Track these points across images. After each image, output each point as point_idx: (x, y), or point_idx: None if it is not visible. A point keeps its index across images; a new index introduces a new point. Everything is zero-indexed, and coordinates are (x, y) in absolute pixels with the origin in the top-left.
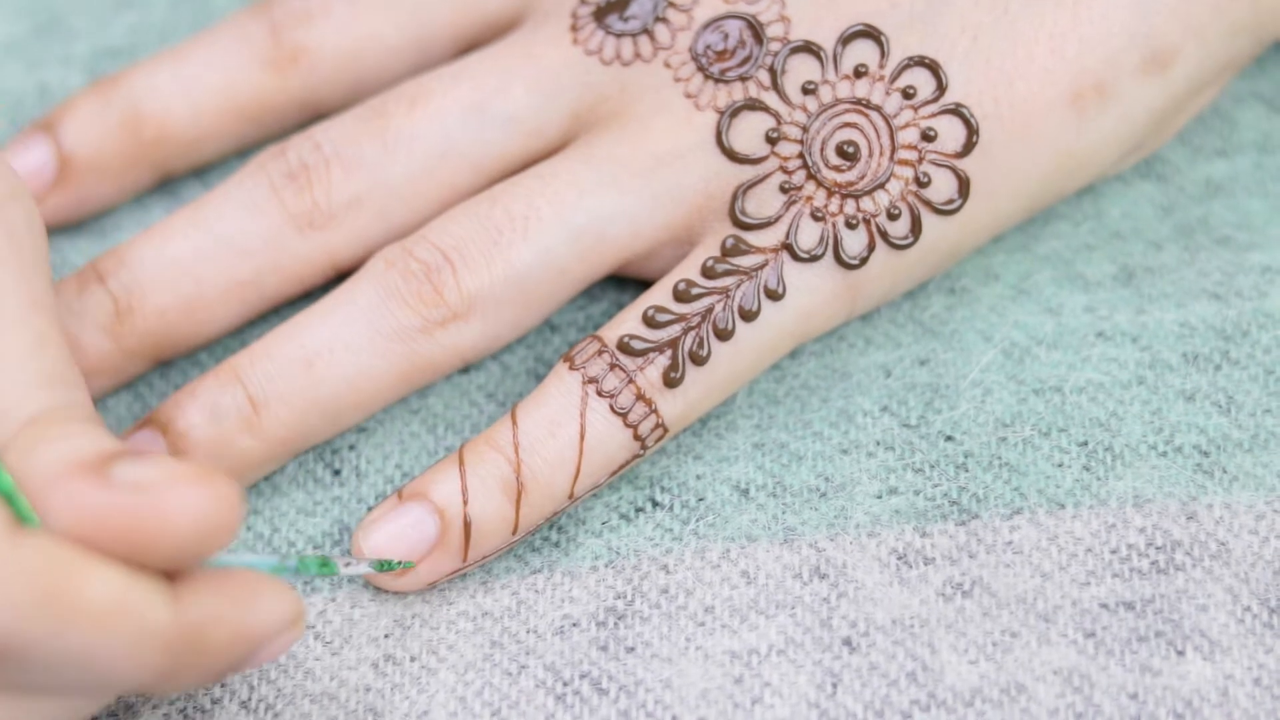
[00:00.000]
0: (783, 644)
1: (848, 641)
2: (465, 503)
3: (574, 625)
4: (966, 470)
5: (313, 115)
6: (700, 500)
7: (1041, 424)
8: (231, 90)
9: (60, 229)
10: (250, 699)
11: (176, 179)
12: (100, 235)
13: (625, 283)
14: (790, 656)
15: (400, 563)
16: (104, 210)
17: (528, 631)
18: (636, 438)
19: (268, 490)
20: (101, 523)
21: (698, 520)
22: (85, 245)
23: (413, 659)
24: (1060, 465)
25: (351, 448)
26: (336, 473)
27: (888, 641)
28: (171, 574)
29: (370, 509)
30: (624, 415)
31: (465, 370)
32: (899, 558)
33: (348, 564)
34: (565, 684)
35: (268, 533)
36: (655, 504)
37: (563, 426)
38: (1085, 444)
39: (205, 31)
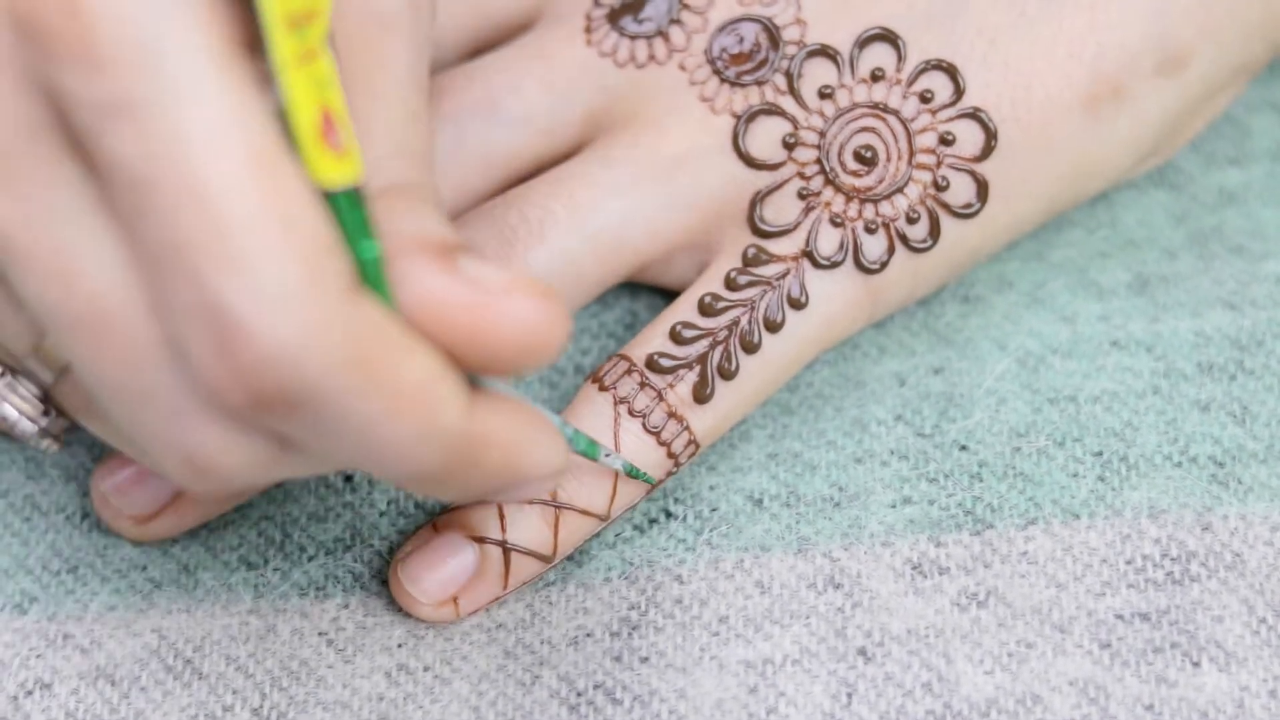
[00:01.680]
0: (797, 654)
1: (863, 651)
2: (503, 530)
3: (588, 636)
4: (981, 480)
5: None
6: (714, 511)
7: (1056, 434)
8: None
9: None
10: (262, 707)
11: None
12: None
13: (638, 289)
14: (805, 666)
15: (645, 474)
16: None
17: (541, 642)
18: (670, 455)
19: (280, 496)
20: (438, 307)
21: (711, 531)
22: None
23: (426, 669)
24: (1075, 475)
25: None
26: (349, 479)
27: (903, 651)
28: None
29: (406, 539)
30: (657, 433)
31: None
32: (914, 567)
33: (607, 454)
34: (579, 694)
35: (279, 538)
36: (669, 515)
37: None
38: (1100, 454)
39: None
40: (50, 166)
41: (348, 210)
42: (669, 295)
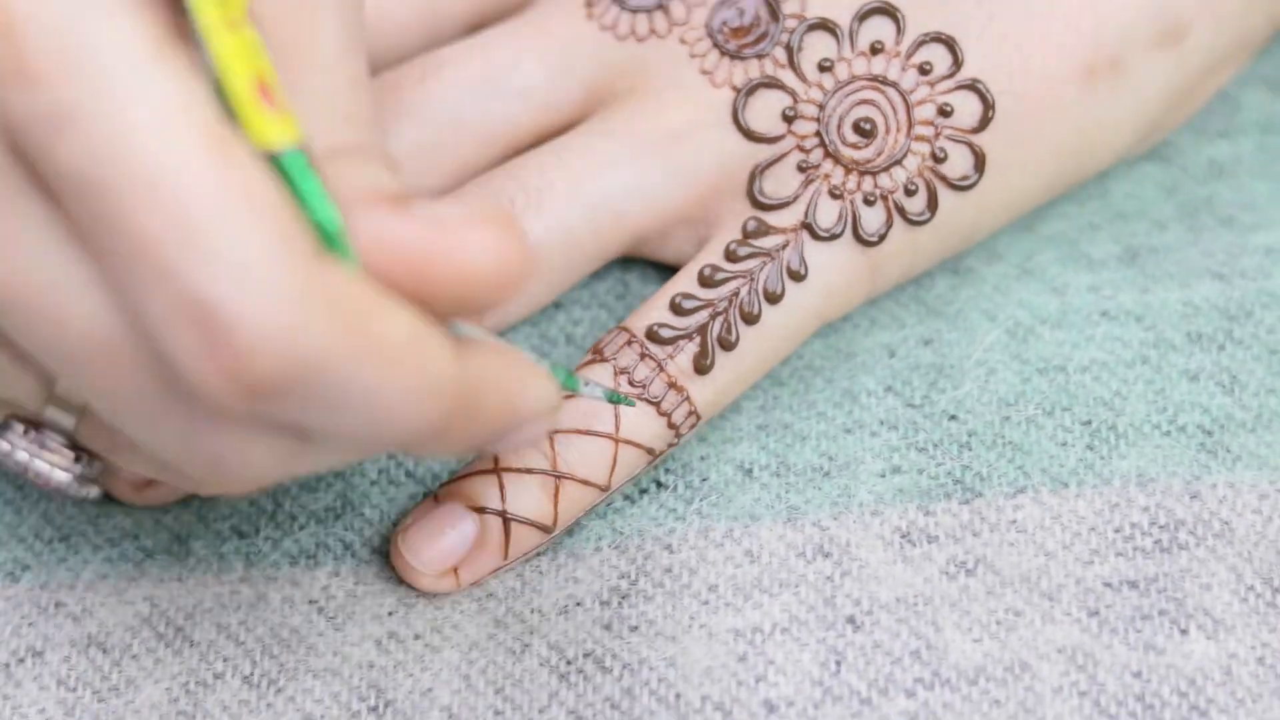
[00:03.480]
0: (786, 622)
1: (851, 620)
2: (503, 501)
3: (578, 605)
4: (970, 449)
5: None
6: (704, 480)
7: (1045, 403)
8: None
9: None
10: (253, 674)
11: None
12: None
13: (630, 262)
14: (794, 635)
15: (627, 399)
16: None
17: (531, 611)
18: (670, 426)
19: None
20: (399, 250)
21: (701, 500)
22: None
23: (417, 637)
24: (1064, 444)
25: None
26: None
27: (891, 620)
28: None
29: (408, 513)
30: (657, 404)
31: None
32: (903, 536)
33: (586, 384)
34: (569, 662)
35: (270, 507)
36: (659, 485)
37: (597, 419)
38: (1089, 423)
39: None
40: (16, 209)
41: (299, 176)
42: (661, 267)
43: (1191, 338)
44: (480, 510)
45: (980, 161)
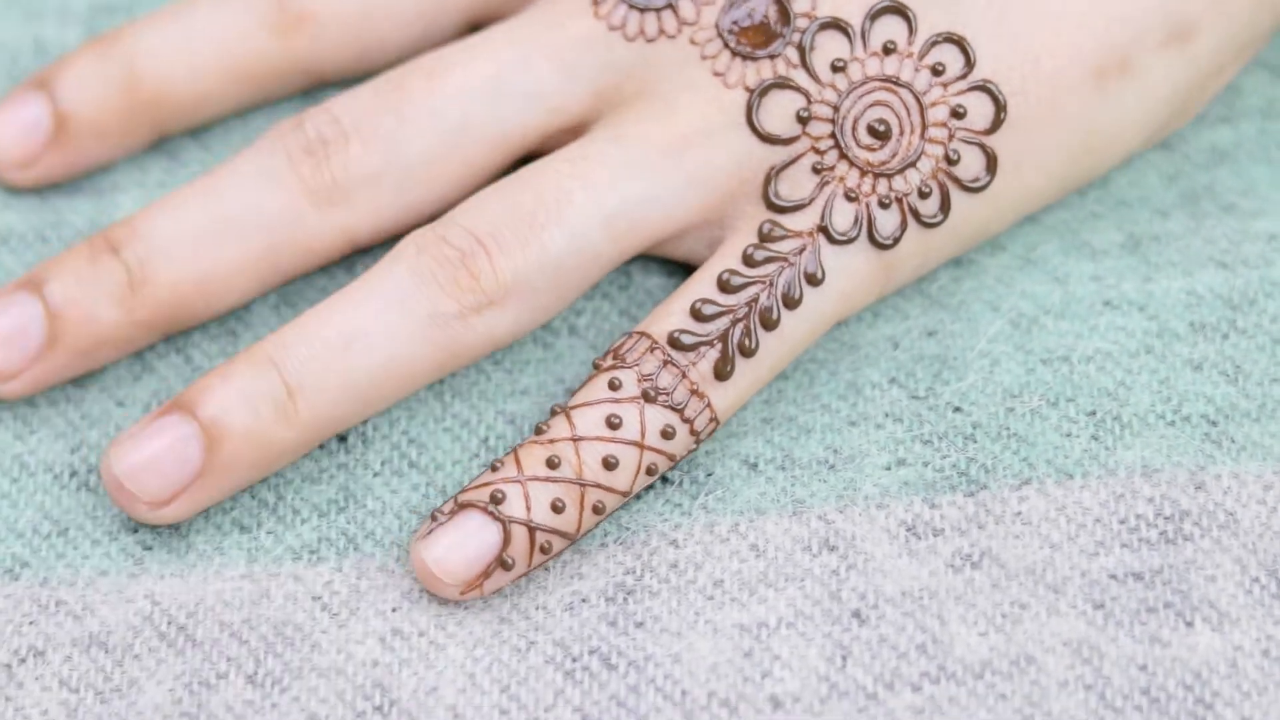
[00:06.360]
0: (792, 617)
1: (857, 614)
2: (528, 508)
3: (583, 601)
4: (975, 441)
5: (315, 82)
6: (709, 475)
7: (1049, 394)
8: (233, 53)
9: (56, 188)
10: (256, 673)
11: (173, 137)
12: (98, 195)
13: None
14: (800, 629)
15: None
16: (100, 169)
17: (536, 608)
18: (693, 432)
19: None
20: None
21: (706, 495)
22: (84, 206)
23: (421, 634)
24: (1069, 435)
25: None
26: (343, 440)
27: (897, 613)
28: None
29: (431, 517)
30: (680, 410)
31: None
32: (908, 529)
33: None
34: (574, 660)
35: (272, 500)
36: (665, 479)
37: (624, 427)
38: (1093, 414)
39: None
40: None
41: None
42: (663, 260)
43: (1195, 327)
44: (504, 519)
45: (992, 163)
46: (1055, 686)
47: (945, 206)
